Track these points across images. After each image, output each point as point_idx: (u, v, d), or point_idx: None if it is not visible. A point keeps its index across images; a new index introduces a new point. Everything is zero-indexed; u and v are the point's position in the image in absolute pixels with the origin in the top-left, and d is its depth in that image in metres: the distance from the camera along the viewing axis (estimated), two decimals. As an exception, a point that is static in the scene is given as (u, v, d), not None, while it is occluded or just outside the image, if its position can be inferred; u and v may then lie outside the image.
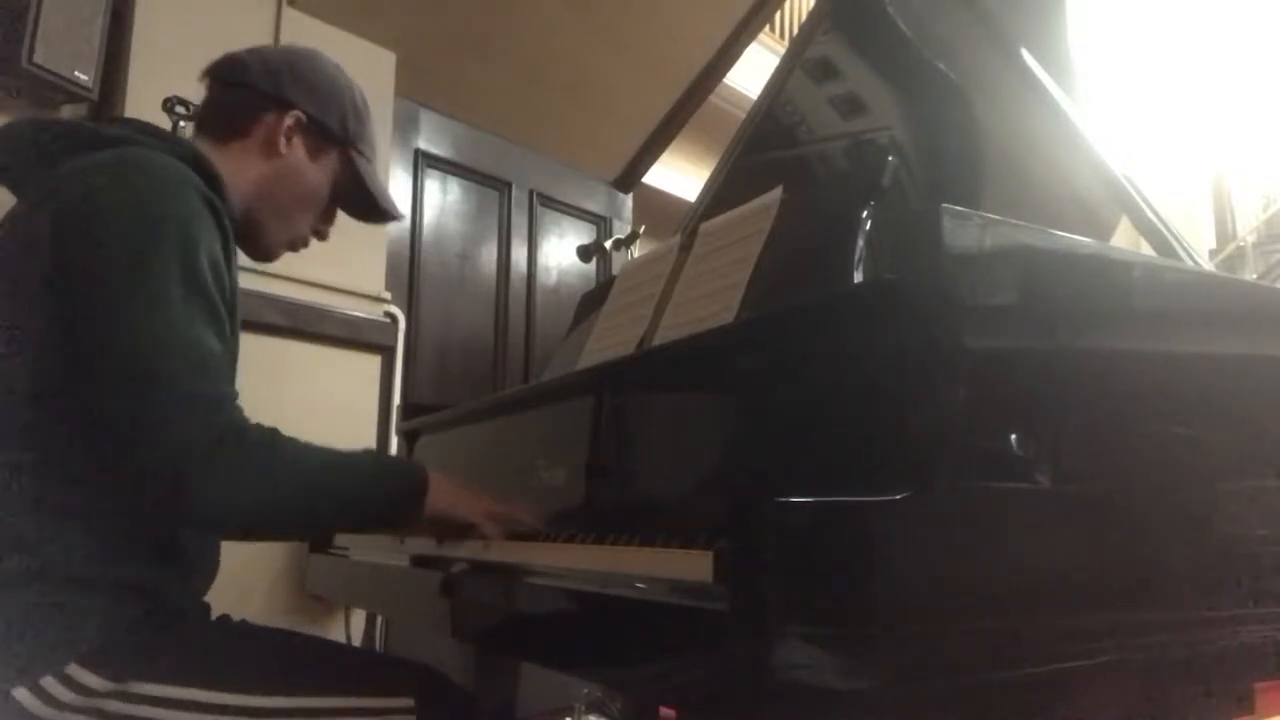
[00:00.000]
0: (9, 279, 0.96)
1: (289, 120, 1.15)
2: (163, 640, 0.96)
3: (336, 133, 1.18)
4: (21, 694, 0.88)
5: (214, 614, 1.15)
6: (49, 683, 0.89)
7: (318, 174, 1.19)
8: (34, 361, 0.93)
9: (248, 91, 1.15)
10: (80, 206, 0.94)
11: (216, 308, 0.97)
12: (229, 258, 1.04)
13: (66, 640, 0.90)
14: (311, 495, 0.98)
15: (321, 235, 1.25)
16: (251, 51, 1.19)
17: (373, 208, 1.25)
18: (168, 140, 1.09)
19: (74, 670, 0.89)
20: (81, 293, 0.92)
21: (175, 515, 0.96)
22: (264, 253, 1.21)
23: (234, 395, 0.95)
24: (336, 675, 1.04)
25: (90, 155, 0.99)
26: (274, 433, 0.96)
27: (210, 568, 1.11)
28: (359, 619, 2.46)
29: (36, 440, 0.93)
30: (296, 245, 1.23)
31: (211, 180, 1.05)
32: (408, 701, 1.01)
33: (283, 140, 1.14)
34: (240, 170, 1.13)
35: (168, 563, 1.01)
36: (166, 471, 0.87)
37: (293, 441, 0.96)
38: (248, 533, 1.05)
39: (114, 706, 0.90)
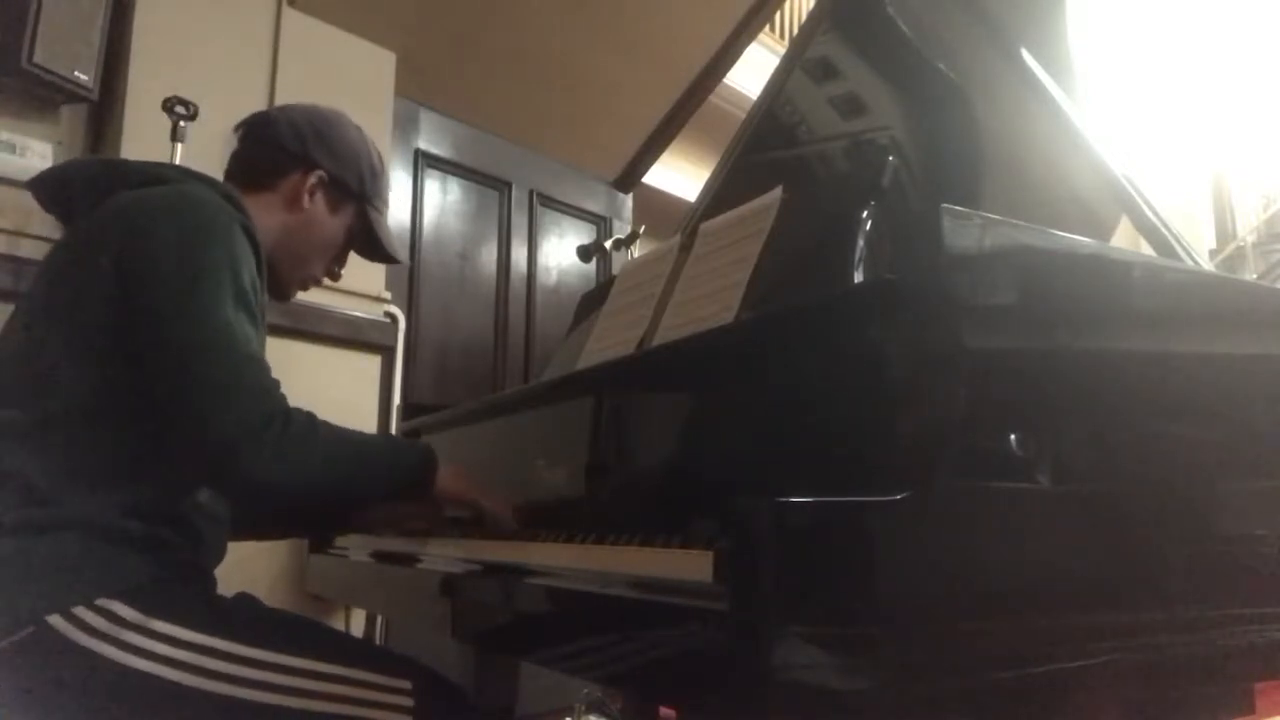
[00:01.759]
0: (73, 291, 1.08)
1: (313, 179, 1.28)
2: (187, 589, 1.07)
3: (354, 189, 1.32)
4: (55, 619, 0.96)
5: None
6: (81, 610, 0.97)
7: (334, 225, 1.33)
8: (89, 358, 1.05)
9: (276, 149, 1.28)
10: (140, 231, 1.07)
11: (256, 317, 1.11)
12: (261, 280, 1.18)
13: (99, 578, 0.99)
14: (343, 469, 1.10)
15: (334, 276, 1.38)
16: (281, 110, 1.33)
17: (378, 251, 1.39)
18: (207, 181, 1.21)
19: (105, 602, 0.98)
20: (144, 304, 1.04)
21: (231, 484, 1.08)
22: (279, 292, 1.34)
23: (278, 384, 1.07)
24: (342, 649, 1.10)
25: (140, 191, 1.13)
26: (312, 415, 1.07)
27: (219, 543, 1.20)
28: (359, 619, 2.46)
29: (86, 420, 1.04)
30: (308, 285, 1.37)
31: (245, 216, 1.17)
32: (405, 684, 1.06)
33: (306, 197, 1.28)
34: (264, 219, 1.24)
35: (185, 533, 1.09)
36: (225, 447, 0.99)
37: (326, 424, 1.09)
38: (283, 508, 1.22)
39: (136, 639, 0.97)
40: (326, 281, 1.39)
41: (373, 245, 1.38)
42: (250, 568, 2.15)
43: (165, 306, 1.04)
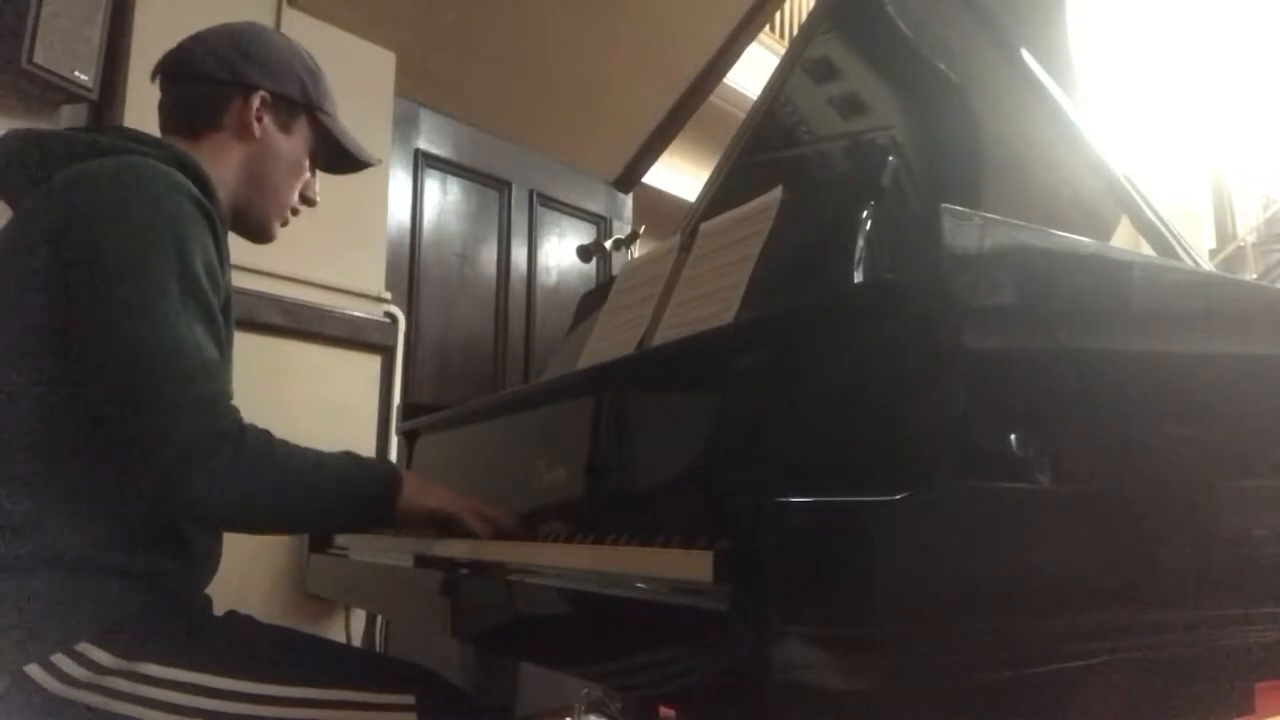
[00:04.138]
0: (11, 286, 0.98)
1: (256, 102, 1.18)
2: (172, 625, 0.99)
3: (299, 101, 1.22)
4: (34, 670, 0.90)
5: (218, 611, 1.16)
6: (60, 659, 0.91)
7: (293, 144, 1.22)
8: (39, 361, 0.96)
9: (206, 84, 1.17)
10: (77, 216, 0.97)
11: (212, 309, 1.00)
12: (222, 258, 1.07)
13: (78, 620, 0.93)
14: (298, 494, 1.00)
15: (310, 201, 1.28)
16: (194, 40, 1.20)
17: (347, 160, 1.29)
18: (156, 145, 1.10)
19: (84, 648, 0.92)
20: (82, 299, 0.94)
21: (175, 510, 0.99)
22: (261, 232, 1.24)
23: (230, 395, 0.98)
24: (339, 669, 1.06)
25: (82, 165, 1.01)
26: (267, 434, 0.98)
27: (212, 559, 1.14)
28: (359, 619, 2.46)
29: (46, 434, 0.96)
30: (287, 219, 1.26)
31: (199, 180, 1.07)
32: (408, 698, 1.03)
33: (255, 123, 1.18)
34: (221, 160, 1.16)
35: (173, 551, 1.03)
36: (168, 469, 0.90)
37: (283, 443, 0.99)
38: (243, 527, 1.10)
39: (122, 685, 0.92)
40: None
41: (339, 154, 1.27)
42: (249, 568, 2.16)
43: (103, 307, 0.93)
